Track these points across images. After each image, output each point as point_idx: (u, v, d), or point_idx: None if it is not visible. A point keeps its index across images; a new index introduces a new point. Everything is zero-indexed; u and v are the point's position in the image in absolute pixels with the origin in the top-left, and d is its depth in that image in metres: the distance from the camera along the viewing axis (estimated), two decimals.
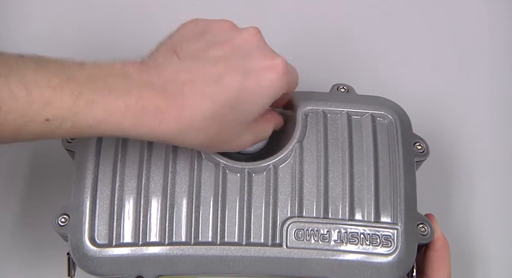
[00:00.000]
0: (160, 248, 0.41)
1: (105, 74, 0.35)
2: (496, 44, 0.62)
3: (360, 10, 0.63)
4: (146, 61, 0.38)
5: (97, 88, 0.34)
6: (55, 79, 0.33)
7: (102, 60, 0.36)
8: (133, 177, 0.43)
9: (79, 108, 0.34)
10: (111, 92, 0.34)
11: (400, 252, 0.42)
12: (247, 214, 0.42)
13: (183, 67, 0.37)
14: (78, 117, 0.34)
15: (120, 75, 0.36)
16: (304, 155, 0.44)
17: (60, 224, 0.42)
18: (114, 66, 0.36)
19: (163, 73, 0.37)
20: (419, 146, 0.45)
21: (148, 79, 0.36)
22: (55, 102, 0.33)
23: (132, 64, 0.37)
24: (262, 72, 0.38)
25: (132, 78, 0.36)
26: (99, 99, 0.34)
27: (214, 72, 0.37)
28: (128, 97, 0.35)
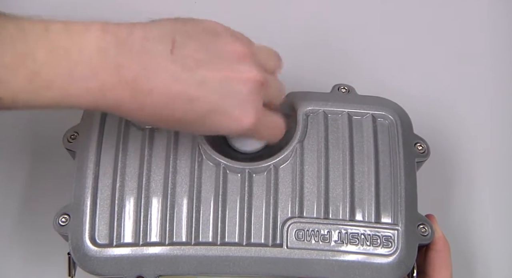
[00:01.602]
0: (160, 248, 0.41)
1: (72, 45, 0.32)
2: (497, 45, 0.62)
3: (361, 10, 0.63)
4: (135, 31, 0.34)
5: (57, 66, 0.32)
6: (9, 54, 0.31)
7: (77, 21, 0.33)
8: (134, 176, 0.43)
9: (33, 89, 0.31)
10: (73, 72, 0.32)
11: (400, 252, 0.42)
12: (248, 214, 0.42)
13: (168, 66, 0.34)
14: (32, 98, 0.32)
15: (92, 48, 0.33)
16: (305, 155, 0.44)
17: (61, 224, 0.42)
18: (88, 33, 0.33)
19: (144, 59, 0.34)
20: (420, 146, 0.45)
21: (123, 61, 0.33)
22: (9, 81, 0.31)
23: (115, 30, 0.33)
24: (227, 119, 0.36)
25: (105, 55, 0.33)
26: (57, 81, 0.32)
27: (191, 93, 0.35)
28: (91, 80, 0.33)
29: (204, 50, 0.36)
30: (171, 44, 0.35)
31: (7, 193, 0.53)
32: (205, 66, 0.35)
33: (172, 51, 0.35)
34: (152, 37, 0.35)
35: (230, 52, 0.37)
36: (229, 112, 0.36)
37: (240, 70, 0.36)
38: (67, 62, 0.32)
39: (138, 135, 0.44)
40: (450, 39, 0.62)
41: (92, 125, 0.44)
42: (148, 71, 0.34)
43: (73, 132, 0.44)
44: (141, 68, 0.34)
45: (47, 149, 0.54)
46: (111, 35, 0.33)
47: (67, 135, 0.44)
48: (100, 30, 0.33)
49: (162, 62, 0.34)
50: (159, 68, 0.34)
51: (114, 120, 0.44)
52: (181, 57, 0.35)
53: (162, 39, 0.35)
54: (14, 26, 0.31)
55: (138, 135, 0.44)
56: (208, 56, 0.36)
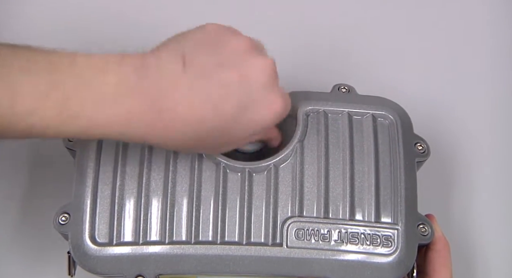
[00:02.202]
0: (160, 247, 0.41)
1: (96, 76, 0.34)
2: (497, 45, 0.62)
3: (361, 10, 0.63)
4: (147, 58, 0.36)
5: (85, 97, 0.33)
6: (40, 85, 0.32)
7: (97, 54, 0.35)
8: (134, 176, 0.43)
9: (63, 119, 0.33)
10: (99, 101, 0.34)
11: (400, 252, 0.42)
12: (248, 213, 0.42)
13: (184, 80, 0.36)
14: (62, 127, 0.33)
15: (113, 77, 0.34)
16: (305, 155, 0.44)
17: (61, 223, 0.42)
18: (108, 64, 0.35)
19: (161, 80, 0.35)
20: (420, 146, 0.45)
21: (143, 85, 0.35)
22: (39, 113, 0.32)
23: (130, 61, 0.35)
24: (259, 110, 0.37)
25: (126, 83, 0.34)
26: (85, 111, 0.33)
27: (213, 96, 0.36)
28: (117, 107, 0.34)
29: (212, 53, 0.37)
30: (182, 60, 0.36)
31: (7, 192, 0.53)
32: (219, 68, 0.36)
33: (184, 65, 0.36)
34: (163, 59, 0.36)
35: (237, 47, 0.38)
36: (257, 105, 0.37)
37: (252, 63, 0.37)
38: (92, 93, 0.34)
39: None
40: (450, 39, 0.62)
41: None
42: (167, 90, 0.35)
43: None
44: (160, 89, 0.35)
45: (47, 148, 0.54)
46: (128, 65, 0.35)
47: None
48: (118, 63, 0.35)
49: (178, 79, 0.36)
50: (177, 84, 0.35)
51: None
52: (194, 68, 0.36)
53: (172, 58, 0.36)
54: (44, 59, 0.33)
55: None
56: (219, 59, 0.37)
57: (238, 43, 0.38)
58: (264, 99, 0.37)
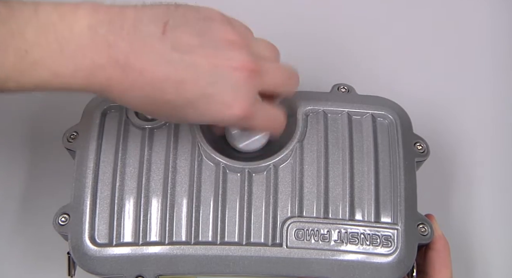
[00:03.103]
0: (160, 247, 0.41)
1: (62, 24, 0.32)
2: (497, 45, 0.62)
3: (360, 10, 0.63)
4: (127, 12, 0.34)
5: (46, 45, 0.32)
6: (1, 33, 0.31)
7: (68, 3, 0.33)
8: (133, 176, 0.43)
9: (23, 68, 0.32)
10: (62, 51, 0.32)
11: (400, 252, 0.42)
12: (247, 213, 0.42)
13: (159, 47, 0.34)
14: (23, 77, 0.32)
15: (82, 27, 0.32)
16: (305, 155, 0.44)
17: (60, 224, 0.42)
18: (78, 14, 0.33)
19: (135, 39, 0.34)
20: (419, 146, 0.45)
21: (113, 40, 0.33)
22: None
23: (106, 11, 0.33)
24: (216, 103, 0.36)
25: (95, 33, 0.33)
26: (46, 59, 0.32)
27: (180, 74, 0.35)
28: (81, 59, 0.33)
29: (196, 35, 0.36)
30: (163, 27, 0.35)
31: (6, 192, 0.53)
32: (195, 50, 0.35)
33: (164, 33, 0.34)
34: (144, 18, 0.35)
35: (222, 39, 0.36)
36: (219, 99, 0.36)
37: (230, 57, 0.36)
38: (57, 40, 0.32)
39: (138, 134, 0.44)
40: (450, 39, 0.62)
41: (91, 125, 0.44)
42: (138, 51, 0.34)
43: (73, 132, 0.44)
44: (131, 48, 0.34)
45: (46, 149, 0.54)
46: (101, 14, 0.33)
47: (66, 135, 0.44)
48: (91, 8, 0.33)
49: (153, 43, 0.34)
50: (150, 49, 0.34)
51: (113, 120, 0.44)
52: (172, 39, 0.35)
53: (154, 21, 0.35)
54: (3, 6, 0.32)
55: (137, 135, 0.44)
56: (199, 42, 0.35)
57: (225, 34, 0.36)
58: (225, 97, 0.36)
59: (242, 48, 0.37)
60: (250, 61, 0.37)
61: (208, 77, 0.36)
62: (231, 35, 0.37)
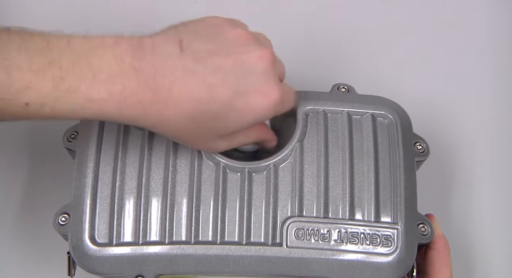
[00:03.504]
0: (160, 247, 0.41)
1: (92, 55, 0.34)
2: (497, 45, 0.62)
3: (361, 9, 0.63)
4: (143, 40, 0.36)
5: (80, 74, 0.34)
6: (37, 61, 0.33)
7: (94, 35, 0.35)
8: (134, 176, 0.43)
9: (59, 94, 0.33)
10: (95, 78, 0.34)
11: (400, 252, 0.42)
12: (247, 213, 0.42)
13: (181, 63, 0.36)
14: (58, 103, 0.33)
15: (109, 56, 0.35)
16: (305, 155, 0.44)
17: (61, 223, 0.42)
18: (104, 44, 0.35)
19: (157, 61, 0.36)
20: (419, 145, 0.45)
21: (139, 65, 0.35)
22: (35, 87, 0.33)
23: (127, 42, 0.36)
24: (255, 97, 0.37)
25: (122, 62, 0.35)
26: (81, 86, 0.33)
27: (209, 80, 0.36)
28: (112, 85, 0.34)
29: (210, 41, 0.37)
30: (179, 44, 0.37)
31: (7, 192, 0.53)
32: (215, 55, 0.37)
33: (181, 49, 0.37)
34: (160, 43, 0.37)
35: (234, 37, 0.38)
36: (254, 91, 0.37)
37: (249, 50, 0.38)
38: (89, 69, 0.34)
39: (138, 134, 0.44)
40: (450, 39, 0.62)
41: (92, 125, 0.44)
42: (163, 71, 0.35)
43: (73, 132, 0.45)
44: (156, 69, 0.35)
45: (47, 148, 0.54)
46: (124, 45, 0.35)
47: (67, 135, 0.44)
48: (114, 41, 0.35)
49: (174, 61, 0.36)
50: (173, 66, 0.36)
51: None
52: (190, 53, 0.37)
53: (169, 42, 0.37)
54: (41, 39, 0.34)
55: (138, 135, 0.44)
56: (216, 46, 0.37)
57: (236, 34, 0.38)
58: (260, 87, 0.38)
59: (254, 40, 0.39)
60: (266, 50, 0.38)
61: (236, 74, 0.37)
62: (241, 32, 0.39)
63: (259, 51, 0.38)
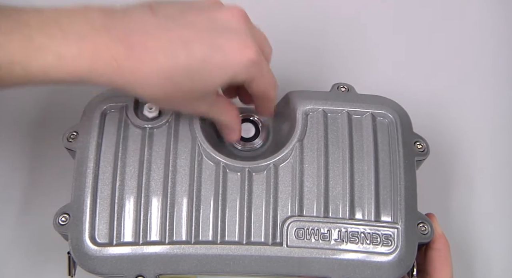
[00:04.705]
0: (160, 247, 0.41)
1: (62, 18, 0.34)
2: (497, 44, 0.62)
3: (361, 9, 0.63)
4: (114, 8, 0.36)
5: (50, 33, 0.33)
6: (6, 24, 0.33)
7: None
8: (134, 176, 0.43)
9: (29, 52, 0.33)
10: (64, 36, 0.34)
11: (400, 251, 0.42)
12: (248, 213, 0.42)
13: (153, 22, 0.36)
14: (29, 62, 0.33)
15: (80, 19, 0.35)
16: (305, 154, 0.44)
17: (61, 223, 0.42)
18: (74, 10, 0.35)
19: (129, 22, 0.36)
20: (419, 145, 0.45)
21: (111, 24, 0.35)
22: (5, 47, 0.32)
23: (97, 8, 0.36)
24: (230, 51, 0.37)
25: (92, 22, 0.35)
26: (50, 44, 0.33)
27: (183, 36, 0.36)
28: (83, 41, 0.34)
29: (181, 5, 0.38)
30: (149, 9, 0.37)
31: (7, 192, 0.53)
32: (187, 13, 0.37)
33: (153, 12, 0.37)
34: (131, 8, 0.37)
35: (207, 3, 0.39)
36: (230, 46, 0.37)
37: (221, 10, 0.38)
38: (59, 29, 0.34)
39: (138, 134, 0.44)
40: (450, 38, 0.62)
41: (91, 125, 0.44)
42: (136, 29, 0.35)
43: (73, 132, 0.44)
44: (128, 27, 0.35)
45: (46, 148, 0.54)
46: (95, 9, 0.36)
47: (66, 135, 0.44)
48: (84, 6, 0.36)
49: (146, 19, 0.36)
50: (145, 25, 0.36)
51: (113, 119, 0.44)
52: (162, 14, 0.37)
53: (140, 8, 0.37)
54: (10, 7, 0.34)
55: (137, 134, 0.44)
56: (187, 8, 0.38)
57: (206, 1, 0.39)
58: (235, 43, 0.37)
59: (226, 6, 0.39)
60: (240, 9, 0.39)
61: (210, 30, 0.37)
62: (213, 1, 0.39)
63: (231, 9, 0.38)
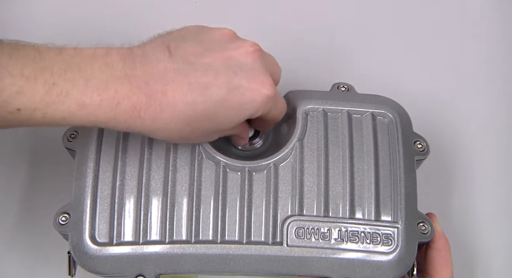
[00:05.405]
0: (160, 246, 0.41)
1: (83, 63, 0.35)
2: (497, 44, 0.62)
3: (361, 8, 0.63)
4: (134, 50, 0.37)
5: (72, 79, 0.34)
6: (28, 67, 0.33)
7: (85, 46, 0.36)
8: (134, 175, 0.43)
9: (51, 99, 0.33)
10: (87, 83, 0.34)
11: (400, 250, 0.42)
12: (248, 212, 0.42)
13: (172, 66, 0.36)
14: (50, 109, 0.33)
15: (101, 64, 0.35)
16: (305, 154, 0.44)
17: (61, 223, 0.42)
18: (95, 54, 0.35)
19: (149, 67, 0.36)
20: (419, 144, 0.45)
21: (131, 72, 0.35)
22: (27, 92, 0.33)
23: (117, 51, 0.36)
24: (247, 92, 0.37)
25: (113, 68, 0.35)
26: (73, 91, 0.34)
27: (201, 81, 0.36)
28: (105, 90, 0.34)
29: (197, 44, 0.38)
30: (167, 49, 0.37)
31: (7, 192, 0.53)
32: (203, 55, 0.37)
33: (170, 54, 0.37)
34: (149, 51, 0.37)
35: (220, 36, 0.39)
36: (247, 86, 0.37)
37: (236, 46, 0.39)
38: (81, 75, 0.34)
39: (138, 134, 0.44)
40: (450, 38, 0.62)
41: None
42: (156, 76, 0.36)
43: (73, 132, 0.45)
44: (148, 75, 0.36)
45: (47, 148, 0.54)
46: (115, 55, 0.36)
47: (67, 135, 0.44)
48: (105, 51, 0.36)
49: (165, 65, 0.36)
50: (165, 71, 0.36)
51: None
52: (180, 57, 0.37)
53: (158, 50, 0.37)
54: (32, 49, 0.34)
55: (138, 135, 0.44)
56: (203, 47, 0.38)
57: (221, 33, 0.39)
58: (252, 81, 0.38)
59: (238, 37, 0.40)
60: (253, 44, 0.39)
61: (227, 71, 0.37)
62: (225, 31, 0.39)
63: (246, 46, 0.39)
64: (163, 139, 0.39)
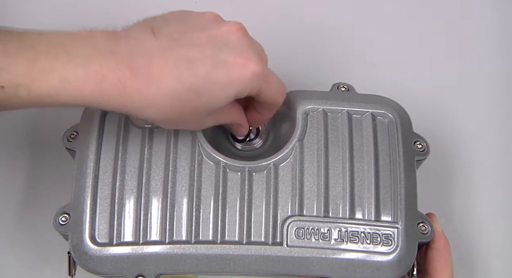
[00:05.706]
0: (160, 247, 0.41)
1: (67, 41, 0.35)
2: (497, 44, 0.62)
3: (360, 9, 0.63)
4: (117, 31, 0.37)
5: (55, 55, 0.34)
6: (11, 46, 0.33)
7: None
8: (134, 175, 0.43)
9: (34, 75, 0.33)
10: (70, 59, 0.34)
11: (400, 250, 0.42)
12: (248, 212, 0.42)
13: (156, 44, 0.36)
14: (34, 85, 0.33)
15: (84, 42, 0.35)
16: (305, 154, 0.44)
17: (61, 223, 0.42)
18: (79, 34, 0.35)
19: (133, 45, 0.36)
20: (419, 144, 0.45)
21: (115, 48, 0.35)
22: (9, 69, 0.32)
23: (101, 32, 0.36)
24: (234, 67, 0.37)
25: (96, 45, 0.35)
26: (56, 66, 0.33)
27: (187, 56, 0.36)
28: (89, 65, 0.34)
29: (181, 24, 0.38)
30: (151, 31, 0.37)
31: (7, 192, 0.53)
32: (188, 33, 0.38)
33: (155, 35, 0.37)
34: (133, 32, 0.37)
35: (204, 18, 0.39)
36: (233, 61, 0.37)
37: (220, 26, 0.39)
38: (64, 51, 0.34)
39: (138, 134, 0.44)
40: (450, 38, 0.62)
41: (91, 125, 0.44)
42: (140, 53, 0.36)
43: (73, 132, 0.45)
44: (133, 52, 0.36)
45: (47, 148, 0.54)
46: (98, 33, 0.36)
47: (66, 135, 0.44)
48: (89, 31, 0.36)
49: (150, 43, 0.36)
50: (150, 47, 0.36)
51: (113, 119, 0.44)
52: (164, 35, 0.37)
53: (142, 31, 0.37)
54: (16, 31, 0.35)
55: (138, 134, 0.44)
56: (187, 26, 0.38)
57: (204, 15, 0.39)
58: (237, 57, 0.37)
59: (222, 19, 0.40)
60: (238, 23, 0.39)
61: (212, 47, 0.37)
62: (208, 14, 0.40)
63: (228, 26, 0.38)
64: (154, 120, 0.38)
